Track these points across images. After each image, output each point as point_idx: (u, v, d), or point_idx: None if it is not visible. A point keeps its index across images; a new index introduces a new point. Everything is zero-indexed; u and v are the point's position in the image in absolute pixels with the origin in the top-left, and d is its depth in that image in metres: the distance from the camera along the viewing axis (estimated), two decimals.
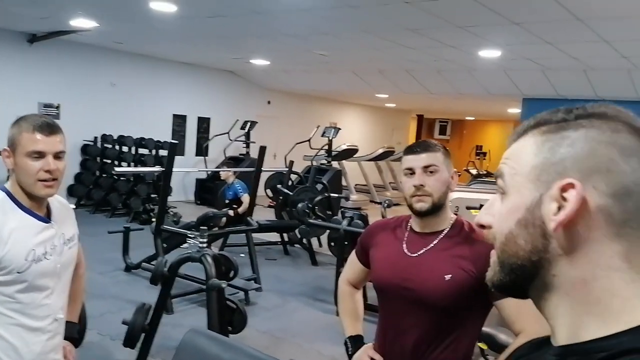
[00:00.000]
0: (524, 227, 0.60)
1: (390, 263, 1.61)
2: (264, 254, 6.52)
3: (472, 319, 1.54)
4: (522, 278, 0.62)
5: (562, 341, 0.60)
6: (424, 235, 1.60)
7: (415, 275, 1.54)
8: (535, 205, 0.59)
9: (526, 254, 0.60)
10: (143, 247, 5.67)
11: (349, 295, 1.85)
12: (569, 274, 0.58)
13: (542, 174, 0.59)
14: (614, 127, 0.58)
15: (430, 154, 1.56)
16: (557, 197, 0.57)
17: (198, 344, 1.65)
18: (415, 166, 1.56)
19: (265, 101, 12.77)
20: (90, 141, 9.30)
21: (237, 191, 6.49)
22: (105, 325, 3.98)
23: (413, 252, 1.58)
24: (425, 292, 1.50)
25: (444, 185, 1.56)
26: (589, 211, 0.56)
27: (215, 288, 3.22)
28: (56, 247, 1.58)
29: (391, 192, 13.00)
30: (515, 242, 0.61)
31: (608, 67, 7.46)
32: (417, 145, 1.61)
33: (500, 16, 5.21)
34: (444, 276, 1.49)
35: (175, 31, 7.47)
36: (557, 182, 0.57)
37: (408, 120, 19.12)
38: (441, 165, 1.56)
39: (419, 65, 8.64)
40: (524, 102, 9.96)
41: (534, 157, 0.61)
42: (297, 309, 4.90)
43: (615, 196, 0.56)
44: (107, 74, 9.62)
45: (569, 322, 0.59)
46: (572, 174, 0.57)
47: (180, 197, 10.48)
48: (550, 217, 0.58)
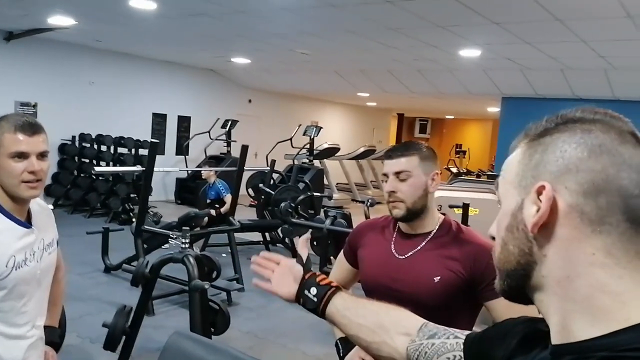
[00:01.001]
0: (511, 232, 0.63)
1: (379, 264, 1.60)
2: (245, 254, 6.46)
3: (462, 320, 1.52)
4: (517, 282, 0.63)
5: (556, 340, 0.60)
6: (411, 237, 1.59)
7: (405, 277, 1.53)
8: (518, 210, 0.62)
9: (515, 258, 0.62)
10: (123, 248, 5.58)
11: None
12: (554, 273, 0.60)
13: (522, 179, 0.62)
14: (586, 128, 0.60)
15: (403, 159, 1.54)
16: (535, 200, 0.60)
17: (182, 347, 1.62)
18: (389, 172, 1.56)
19: (246, 100, 12.70)
20: (68, 140, 9.14)
21: (220, 191, 6.44)
22: (85, 328, 3.91)
23: (401, 254, 1.57)
24: (415, 293, 1.49)
25: (419, 190, 1.53)
26: (561, 210, 0.58)
27: (198, 289, 3.18)
28: (36, 253, 1.53)
29: (373, 190, 13.05)
30: (507, 249, 0.63)
31: (585, 67, 7.59)
32: (394, 150, 1.59)
33: (481, 16, 5.25)
34: (433, 278, 1.48)
35: (155, 29, 7.38)
36: (534, 186, 0.60)
37: (389, 119, 19.21)
38: (415, 169, 1.53)
39: (400, 65, 8.68)
40: (503, 101, 10.08)
41: (517, 165, 0.64)
42: (280, 309, 4.87)
43: (586, 194, 0.57)
44: (85, 72, 9.46)
45: (560, 320, 0.60)
46: (545, 176, 0.60)
47: (160, 197, 10.37)
48: (529, 220, 0.60)
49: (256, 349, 3.83)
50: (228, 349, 1.61)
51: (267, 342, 4.09)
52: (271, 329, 4.36)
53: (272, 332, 4.30)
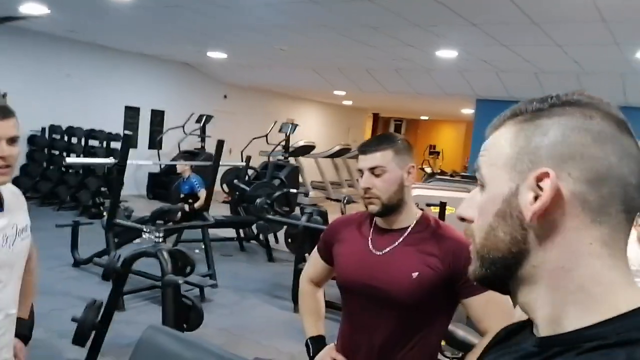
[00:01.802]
0: (502, 219, 0.59)
1: (356, 261, 1.56)
2: (219, 250, 6.41)
3: (439, 317, 1.51)
4: (503, 271, 0.60)
5: (544, 332, 0.59)
6: (389, 232, 1.55)
7: (382, 273, 1.48)
8: (512, 196, 0.58)
9: (506, 245, 0.59)
10: (93, 242, 5.45)
11: (310, 294, 1.79)
12: (549, 264, 0.57)
13: (517, 163, 0.59)
14: (587, 113, 0.58)
15: (378, 154, 1.50)
16: (533, 187, 0.57)
17: (158, 342, 1.58)
18: (364, 167, 1.52)
19: (222, 95, 12.57)
20: (38, 132, 8.89)
21: (194, 186, 6.34)
22: (53, 323, 3.80)
23: (379, 250, 1.53)
24: (392, 290, 1.45)
25: (394, 185, 1.50)
26: (564, 199, 0.56)
27: (171, 284, 3.12)
28: (8, 238, 1.47)
29: (347, 189, 13.08)
30: (494, 235, 0.60)
31: (558, 71, 7.74)
32: (367, 144, 1.55)
33: (460, 16, 5.30)
34: (411, 274, 1.44)
35: (130, 21, 7.23)
36: (533, 172, 0.57)
37: (364, 119, 19.29)
38: (389, 164, 1.50)
39: (378, 64, 8.71)
40: (477, 103, 10.22)
41: (509, 147, 0.60)
42: (254, 306, 4.84)
43: (590, 182, 0.55)
44: (58, 63, 9.22)
45: (550, 312, 0.58)
46: (546, 162, 0.57)
47: (132, 191, 10.17)
48: (527, 207, 0.57)
49: (229, 346, 3.78)
50: (204, 343, 1.58)
51: (240, 338, 4.05)
52: (245, 326, 4.31)
53: (246, 328, 4.26)
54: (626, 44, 5.83)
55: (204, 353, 1.56)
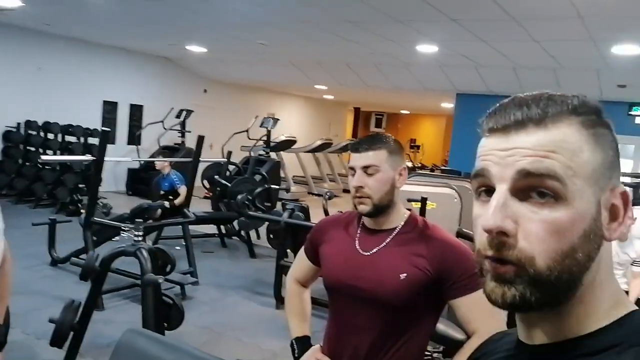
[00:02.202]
0: (588, 239, 0.53)
1: (342, 261, 1.54)
2: (200, 247, 6.36)
3: (426, 318, 1.50)
4: (564, 294, 0.54)
5: (540, 340, 0.58)
6: (376, 233, 1.53)
7: (369, 274, 1.47)
8: (598, 214, 0.54)
9: (580, 267, 0.53)
10: (70, 240, 5.36)
11: (297, 294, 1.78)
12: (590, 278, 0.55)
13: (600, 178, 0.55)
14: (609, 125, 0.58)
15: (371, 153, 1.48)
16: (607, 205, 0.55)
17: (137, 345, 1.55)
18: (356, 165, 1.50)
19: (202, 90, 12.45)
20: (13, 127, 8.70)
21: (174, 182, 6.28)
22: (30, 324, 3.74)
23: (366, 250, 1.51)
24: (379, 291, 1.44)
25: (386, 185, 1.48)
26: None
27: (151, 283, 3.09)
28: None
29: (329, 184, 13.09)
30: (573, 257, 0.53)
31: (535, 66, 7.83)
32: (361, 142, 1.53)
33: (439, 12, 5.32)
34: (399, 275, 1.42)
35: (107, 13, 7.09)
36: (610, 189, 0.56)
37: (345, 113, 19.30)
38: (383, 164, 1.48)
39: (357, 58, 8.70)
40: (457, 98, 10.29)
41: (592, 157, 0.54)
42: (236, 303, 4.82)
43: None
44: (32, 56, 9.01)
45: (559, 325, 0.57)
46: (616, 180, 0.57)
47: (110, 188, 10.04)
48: (606, 227, 0.55)
49: (211, 344, 3.77)
50: (186, 347, 1.56)
51: (222, 336, 4.03)
52: (226, 323, 4.29)
53: (227, 326, 4.24)
54: (601, 40, 5.92)
55: (184, 355, 1.55)
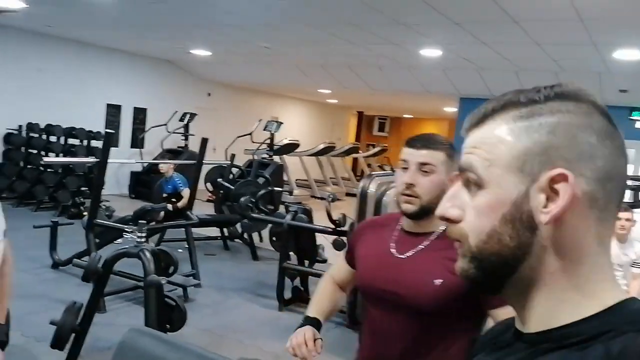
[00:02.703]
0: (510, 223, 0.56)
1: (375, 263, 1.47)
2: (202, 249, 6.35)
3: (463, 328, 1.39)
4: (502, 274, 0.58)
5: (534, 328, 0.58)
6: (414, 236, 1.45)
7: (402, 278, 1.40)
8: (522, 199, 0.56)
9: (510, 250, 0.57)
10: (72, 243, 5.35)
11: (330, 283, 1.68)
12: (550, 265, 0.56)
13: (525, 164, 0.56)
14: (586, 109, 0.57)
15: (430, 152, 1.41)
16: (545, 189, 0.55)
17: (140, 345, 1.54)
18: (411, 161, 1.42)
19: (205, 93, 12.46)
20: (15, 130, 8.71)
21: (177, 185, 6.27)
22: (30, 327, 3.71)
23: (401, 253, 1.44)
24: (413, 297, 1.37)
25: (438, 188, 1.39)
26: (578, 199, 0.54)
27: (154, 285, 3.07)
28: None
29: (332, 187, 13.08)
30: (498, 240, 0.57)
31: (537, 69, 7.82)
32: (420, 139, 1.45)
33: (443, 15, 5.31)
34: (434, 281, 1.35)
35: (111, 16, 7.11)
36: (546, 173, 0.55)
37: (348, 117, 19.30)
38: (440, 166, 1.41)
39: (361, 62, 8.70)
40: (461, 102, 10.27)
41: (512, 147, 0.57)
42: (238, 305, 4.80)
43: (598, 181, 0.55)
44: (34, 58, 9.03)
45: (543, 311, 0.58)
46: (559, 162, 0.55)
47: (113, 191, 10.03)
48: (540, 210, 0.55)
49: (213, 346, 3.74)
50: (189, 346, 1.54)
51: (224, 338, 4.01)
52: (228, 326, 4.27)
53: (229, 328, 4.22)
54: (603, 44, 5.91)
55: (187, 355, 1.53)
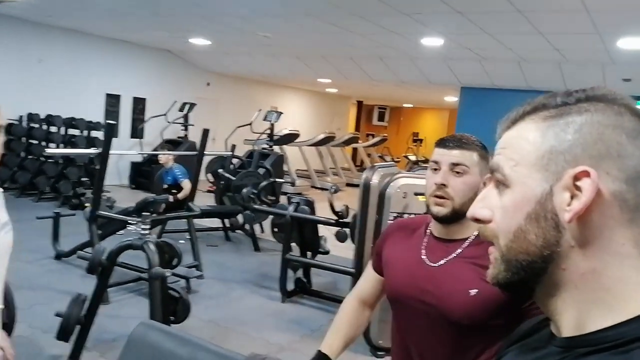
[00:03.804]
0: (535, 221, 0.57)
1: (406, 271, 1.40)
2: (204, 240, 6.35)
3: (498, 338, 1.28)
4: (532, 275, 0.59)
5: (567, 333, 0.58)
6: (446, 242, 1.38)
7: (436, 288, 1.33)
8: (546, 197, 0.56)
9: (537, 249, 0.57)
10: (74, 234, 5.35)
11: (351, 310, 1.58)
12: (579, 266, 0.56)
13: (550, 163, 0.57)
14: (617, 110, 0.57)
15: (463, 152, 1.35)
16: (569, 187, 0.55)
17: (150, 339, 1.54)
18: (443, 161, 1.36)
19: (205, 83, 12.40)
20: (15, 120, 8.66)
21: (177, 176, 6.25)
22: (35, 318, 3.72)
23: (433, 262, 1.37)
24: (446, 308, 1.30)
25: (471, 191, 1.32)
26: (604, 198, 0.54)
27: (158, 277, 3.07)
28: None
29: (332, 177, 13.07)
30: (525, 238, 0.58)
31: (540, 59, 7.78)
32: (452, 139, 1.38)
33: (445, 4, 5.27)
34: (469, 291, 1.28)
35: (109, 5, 7.05)
36: (569, 171, 0.55)
37: (348, 106, 19.24)
38: (473, 167, 1.34)
39: (362, 52, 8.65)
40: (462, 91, 10.23)
41: (538, 146, 0.58)
42: (241, 297, 4.80)
43: (628, 181, 0.54)
44: (34, 48, 8.97)
45: (575, 314, 0.57)
46: (583, 161, 0.55)
47: (114, 181, 10.01)
48: (564, 208, 0.55)
49: (218, 338, 3.75)
50: (198, 340, 1.54)
51: (228, 330, 4.02)
52: (232, 317, 4.28)
53: (234, 320, 4.23)
54: (607, 34, 5.87)
55: (196, 349, 1.53)
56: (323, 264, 4.77)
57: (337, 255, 5.27)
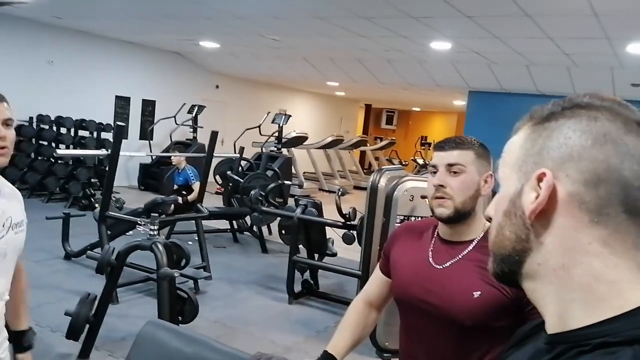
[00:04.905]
0: (508, 218, 0.62)
1: (413, 272, 1.42)
2: (212, 242, 6.39)
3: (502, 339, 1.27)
4: (510, 267, 0.63)
5: (551, 329, 0.60)
6: (452, 244, 1.40)
7: (440, 289, 1.35)
8: (517, 196, 0.61)
9: (510, 243, 0.62)
10: (83, 234, 5.41)
11: (358, 311, 1.59)
12: (550, 262, 0.59)
13: (523, 165, 0.61)
14: (593, 115, 0.58)
15: (458, 152, 1.38)
16: (535, 187, 0.59)
17: (158, 337, 1.56)
18: (439, 163, 1.39)
19: (214, 85, 12.47)
20: (25, 121, 8.75)
21: (189, 177, 6.30)
22: (45, 317, 3.77)
23: (439, 263, 1.39)
24: (450, 309, 1.32)
25: (470, 189, 1.36)
26: (562, 199, 0.57)
27: (167, 277, 3.10)
28: (4, 224, 1.47)
29: (339, 180, 13.09)
30: (502, 233, 0.63)
31: (549, 63, 7.75)
32: (447, 141, 1.41)
33: (454, 9, 5.28)
34: (472, 293, 1.29)
35: (119, 7, 7.12)
36: (535, 172, 0.59)
37: (356, 110, 19.26)
38: (469, 165, 1.37)
39: (370, 55, 8.67)
40: (470, 95, 10.22)
41: (518, 149, 0.63)
42: (248, 298, 4.83)
43: (586, 183, 0.56)
44: (44, 50, 9.07)
45: (557, 310, 0.59)
46: (547, 163, 0.59)
47: (122, 182, 10.10)
48: (528, 206, 0.60)
49: (224, 338, 3.78)
50: (205, 339, 1.56)
51: (235, 330, 4.04)
52: (239, 318, 4.31)
53: (240, 320, 4.25)
54: (616, 38, 5.85)
55: (204, 348, 1.55)
56: (330, 266, 4.79)
57: (344, 258, 5.28)
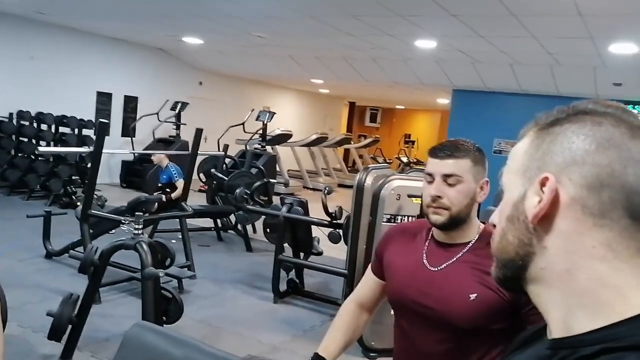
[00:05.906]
0: (511, 223, 0.63)
1: (408, 275, 1.42)
2: (196, 240, 6.33)
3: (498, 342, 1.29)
4: (513, 272, 0.63)
5: (555, 334, 0.60)
6: (447, 247, 1.40)
7: (435, 291, 1.34)
8: (520, 201, 0.61)
9: (514, 248, 0.62)
10: (64, 233, 5.32)
11: (349, 313, 1.59)
12: (554, 266, 0.59)
13: (526, 170, 0.62)
14: (597, 120, 0.59)
15: (455, 161, 1.35)
16: (537, 191, 0.59)
17: (145, 340, 1.53)
18: (436, 172, 1.37)
19: (197, 82, 12.36)
20: (5, 118, 8.58)
21: (172, 175, 6.23)
22: (26, 317, 3.69)
23: (434, 266, 1.39)
24: (445, 311, 1.32)
25: (467, 197, 1.35)
26: (565, 203, 0.58)
27: (151, 277, 3.06)
28: None
29: (324, 178, 13.08)
30: (505, 238, 0.63)
31: (533, 62, 7.83)
32: (444, 148, 1.38)
33: (440, 7, 5.29)
34: (469, 295, 1.29)
35: (102, 3, 7.01)
36: (538, 177, 0.59)
37: (341, 107, 19.26)
38: (466, 174, 1.35)
39: (356, 53, 8.66)
40: (454, 93, 10.28)
41: (522, 155, 0.63)
42: (234, 297, 4.79)
43: (589, 188, 0.56)
44: (25, 45, 8.88)
45: (561, 315, 0.59)
46: (550, 167, 0.59)
47: (104, 180, 9.95)
48: (530, 210, 0.60)
49: (211, 338, 3.74)
50: (194, 342, 1.53)
51: (221, 330, 4.01)
52: (225, 317, 4.27)
53: (226, 320, 4.22)
54: (599, 38, 5.92)
55: (192, 350, 1.52)
56: (316, 265, 4.77)
57: (329, 257, 5.27)
